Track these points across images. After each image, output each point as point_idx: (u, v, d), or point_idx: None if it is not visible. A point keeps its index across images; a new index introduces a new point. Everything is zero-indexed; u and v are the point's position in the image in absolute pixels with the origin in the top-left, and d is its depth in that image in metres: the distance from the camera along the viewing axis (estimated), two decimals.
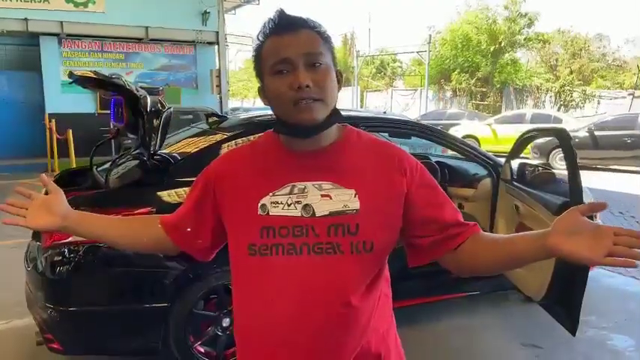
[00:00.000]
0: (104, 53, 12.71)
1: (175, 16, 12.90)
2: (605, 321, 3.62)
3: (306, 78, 1.06)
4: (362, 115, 4.01)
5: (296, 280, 1.09)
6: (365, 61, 30.37)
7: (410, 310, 3.50)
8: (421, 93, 25.01)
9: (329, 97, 1.10)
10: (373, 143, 1.21)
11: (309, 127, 1.09)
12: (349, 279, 1.10)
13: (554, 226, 0.98)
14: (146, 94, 3.01)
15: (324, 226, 1.09)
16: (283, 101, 1.08)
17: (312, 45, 1.09)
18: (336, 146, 1.16)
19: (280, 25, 1.10)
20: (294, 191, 1.12)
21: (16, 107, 12.22)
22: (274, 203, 1.11)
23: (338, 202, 1.10)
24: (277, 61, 1.08)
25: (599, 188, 8.76)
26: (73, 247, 2.59)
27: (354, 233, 1.09)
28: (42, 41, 11.91)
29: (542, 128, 5.09)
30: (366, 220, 1.10)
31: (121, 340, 2.71)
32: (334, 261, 1.09)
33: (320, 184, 1.12)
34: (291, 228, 1.10)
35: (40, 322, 2.70)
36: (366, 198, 1.11)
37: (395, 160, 1.16)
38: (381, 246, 1.13)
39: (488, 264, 1.16)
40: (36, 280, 2.74)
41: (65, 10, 11.87)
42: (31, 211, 1.23)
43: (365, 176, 1.14)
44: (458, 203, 3.95)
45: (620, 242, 0.91)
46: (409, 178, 1.15)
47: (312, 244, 1.09)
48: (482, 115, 19.29)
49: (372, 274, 1.14)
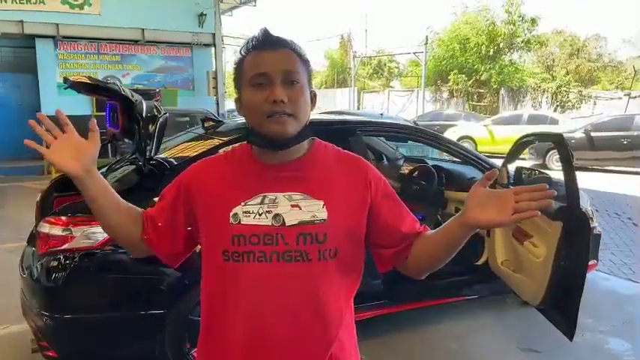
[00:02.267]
0: (100, 55, 12.68)
1: (171, 18, 12.87)
2: (602, 324, 3.63)
3: (282, 93, 1.12)
4: (359, 120, 4.00)
5: (266, 287, 1.16)
6: (362, 62, 30.39)
7: (409, 314, 3.51)
8: (418, 94, 25.03)
9: (301, 114, 1.16)
10: (340, 156, 1.28)
11: (280, 140, 1.15)
12: (317, 286, 1.18)
13: (467, 204, 1.12)
14: (142, 100, 3.00)
15: (293, 235, 1.15)
16: (258, 113, 1.14)
17: (290, 63, 1.16)
18: (306, 159, 1.22)
19: (263, 42, 1.17)
20: (265, 201, 1.17)
21: (11, 109, 12.17)
22: (246, 212, 1.16)
23: (307, 212, 1.16)
24: (256, 74, 1.14)
25: (595, 189, 8.79)
26: (69, 254, 2.58)
27: (321, 242, 1.15)
28: (38, 43, 11.88)
29: (540, 133, 5.09)
30: (333, 229, 1.16)
31: (117, 347, 2.69)
32: (303, 268, 1.15)
33: (290, 195, 1.17)
34: (262, 236, 1.15)
35: (36, 330, 2.69)
36: (333, 208, 1.17)
37: (361, 172, 1.24)
38: (345, 252, 1.19)
39: (430, 258, 1.25)
40: (31, 287, 2.73)
41: (61, 12, 11.83)
42: (58, 144, 1.17)
43: (333, 187, 1.20)
44: (454, 207, 3.95)
45: (521, 199, 1.06)
46: (373, 190, 1.23)
47: (281, 252, 1.15)
48: (480, 116, 19.31)
49: (339, 281, 1.21)
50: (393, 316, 3.39)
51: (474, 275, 3.76)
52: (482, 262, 3.69)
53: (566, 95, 24.36)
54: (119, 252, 2.60)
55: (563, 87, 24.65)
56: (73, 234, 2.59)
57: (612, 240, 5.97)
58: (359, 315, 3.15)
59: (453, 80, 25.76)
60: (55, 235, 2.61)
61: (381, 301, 3.35)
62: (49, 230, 2.64)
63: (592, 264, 3.91)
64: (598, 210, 7.32)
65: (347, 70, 29.76)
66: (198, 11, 13.18)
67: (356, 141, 3.26)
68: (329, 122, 3.53)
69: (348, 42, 32.56)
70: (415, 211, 4.58)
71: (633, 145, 11.68)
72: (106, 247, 2.58)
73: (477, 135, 15.57)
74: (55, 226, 2.63)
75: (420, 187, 4.04)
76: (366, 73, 31.81)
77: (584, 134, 12.39)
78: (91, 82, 3.02)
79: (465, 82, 25.46)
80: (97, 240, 2.58)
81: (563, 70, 26.46)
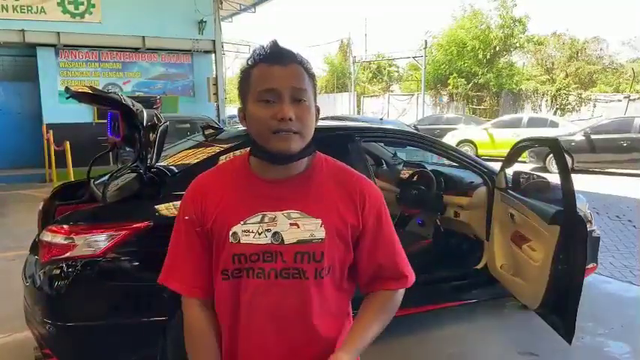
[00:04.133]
0: (101, 63, 12.74)
1: (172, 26, 12.94)
2: (601, 327, 3.64)
3: (289, 111, 1.12)
4: (358, 126, 4.03)
5: (264, 302, 1.18)
6: (362, 67, 30.45)
7: (408, 318, 3.51)
8: (418, 98, 25.08)
9: (307, 132, 1.17)
10: (339, 171, 1.27)
11: (284, 156, 1.16)
12: (308, 301, 1.19)
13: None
14: (142, 108, 3.03)
15: (291, 253, 1.17)
16: (264, 128, 1.15)
17: (299, 81, 1.15)
18: (305, 175, 1.23)
19: (272, 55, 1.16)
20: (265, 220, 1.18)
21: (13, 118, 12.23)
22: (245, 232, 1.17)
23: (305, 230, 1.17)
24: (265, 89, 1.14)
25: (595, 192, 8.81)
26: (71, 262, 2.60)
27: (319, 261, 1.18)
28: (39, 52, 11.94)
29: (536, 138, 5.13)
30: (330, 247, 1.19)
31: (119, 354, 2.71)
32: (300, 286, 1.18)
33: (289, 213, 1.18)
34: (262, 254, 1.17)
35: (39, 338, 2.71)
36: (330, 227, 1.18)
37: (357, 191, 1.23)
38: (339, 268, 1.23)
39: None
40: (34, 295, 2.75)
41: (62, 21, 11.90)
42: None
43: (329, 205, 1.20)
44: (453, 211, 3.98)
45: None
46: (367, 210, 1.23)
47: (279, 270, 1.17)
48: (479, 120, 19.36)
49: (334, 295, 1.23)
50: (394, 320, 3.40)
51: (473, 279, 3.78)
52: (482, 266, 3.72)
53: (565, 98, 24.39)
54: (121, 260, 2.63)
55: (562, 90, 24.68)
56: (75, 242, 2.60)
57: (613, 243, 5.98)
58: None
59: (452, 84, 25.83)
60: (58, 243, 2.63)
61: None
62: (51, 239, 2.66)
63: (591, 267, 3.93)
64: (599, 213, 7.34)
65: (347, 74, 29.83)
66: (198, 18, 13.25)
67: (355, 147, 3.28)
68: (328, 129, 3.55)
69: (347, 47, 32.62)
70: (414, 215, 4.62)
71: (633, 148, 11.71)
72: (107, 255, 2.60)
73: (477, 138, 15.60)
74: (57, 234, 2.65)
75: (419, 191, 4.07)
76: (365, 77, 31.88)
77: (584, 137, 12.42)
78: (92, 92, 3.06)
79: (464, 85, 25.53)
80: (99, 248, 2.60)
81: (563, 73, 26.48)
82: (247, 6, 16.80)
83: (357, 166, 3.20)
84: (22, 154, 11.76)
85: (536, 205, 3.09)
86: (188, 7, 12.81)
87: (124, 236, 2.62)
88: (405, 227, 4.45)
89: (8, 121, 12.15)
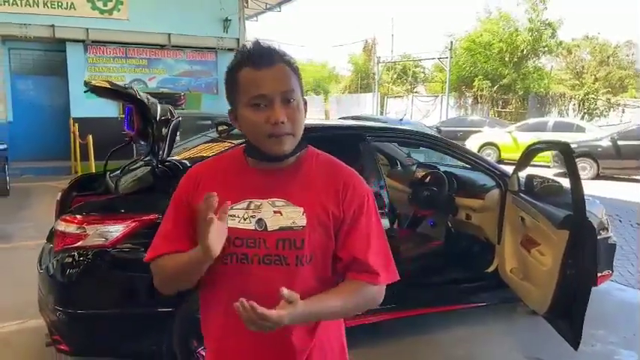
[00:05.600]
0: (128, 59, 12.96)
1: (197, 23, 13.10)
2: (613, 335, 3.57)
3: (281, 114, 1.17)
4: (369, 126, 4.03)
5: (246, 287, 1.20)
6: (386, 67, 30.31)
7: (416, 319, 3.52)
8: (442, 99, 24.86)
9: (298, 130, 1.22)
10: (328, 164, 1.31)
11: (278, 156, 1.22)
12: (291, 288, 1.17)
13: None
14: (157, 103, 3.10)
15: (273, 240, 1.21)
16: (258, 132, 1.20)
17: (287, 82, 1.20)
18: (295, 167, 1.28)
19: (257, 58, 1.19)
20: (251, 207, 1.23)
21: (42, 111, 12.53)
22: (231, 216, 1.20)
23: (287, 218, 1.21)
24: (255, 95, 1.19)
25: (619, 199, 8.61)
26: (82, 252, 2.68)
27: (299, 248, 1.21)
28: (68, 47, 12.21)
29: (548, 141, 5.06)
30: (311, 235, 1.22)
31: (126, 343, 2.78)
32: (282, 272, 1.21)
33: (274, 201, 1.23)
34: (245, 240, 1.21)
35: (49, 324, 2.79)
36: (312, 216, 1.22)
37: (341, 182, 1.26)
38: (320, 258, 1.25)
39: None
40: (47, 283, 2.84)
41: (91, 17, 12.16)
42: (215, 231, 1.10)
43: (313, 196, 1.24)
44: (465, 214, 3.95)
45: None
46: (348, 202, 1.25)
47: (262, 255, 1.21)
48: (504, 123, 19.07)
49: (316, 287, 1.24)
50: (399, 321, 3.41)
51: (483, 282, 3.75)
52: (493, 269, 3.69)
53: (594, 102, 23.88)
54: (130, 250, 2.69)
55: (591, 94, 24.17)
56: (87, 232, 2.68)
57: (632, 250, 5.85)
58: (368, 319, 3.20)
59: (477, 86, 25.52)
60: (70, 232, 2.71)
61: (391, 305, 3.37)
62: (64, 228, 2.75)
63: (606, 274, 3.86)
64: (621, 220, 7.18)
65: (371, 75, 29.73)
66: (223, 17, 13.37)
67: (365, 147, 3.29)
68: (339, 127, 3.57)
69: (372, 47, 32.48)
70: (426, 216, 4.60)
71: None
72: (117, 246, 2.67)
73: (501, 141, 15.39)
74: (70, 224, 2.74)
75: (431, 192, 4.06)
76: (389, 78, 31.74)
77: (611, 142, 12.12)
78: (110, 86, 3.14)
79: (489, 88, 25.19)
80: (110, 238, 2.68)
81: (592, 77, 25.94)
82: (273, 5, 16.90)
83: (367, 165, 3.22)
84: (50, 147, 12.04)
85: (546, 208, 3.06)
86: (213, 6, 12.94)
87: (134, 228, 2.69)
88: (417, 228, 4.44)
89: (38, 115, 12.45)
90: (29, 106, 12.41)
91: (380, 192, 3.21)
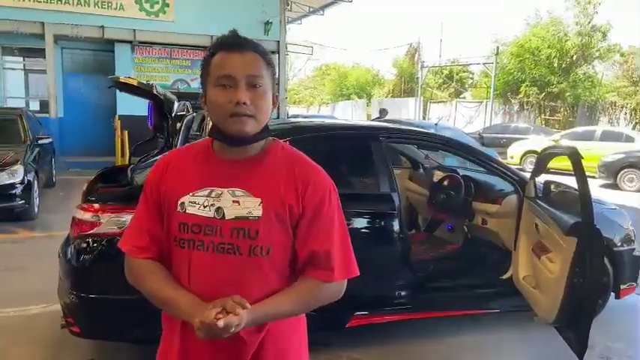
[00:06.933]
0: (172, 60, 13.39)
1: (239, 26, 12.55)
2: (631, 349, 3.44)
3: (244, 96, 1.20)
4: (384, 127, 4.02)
5: (201, 274, 1.24)
6: (432, 72, 29.90)
7: (427, 322, 3.49)
8: (487, 105, 24.33)
9: (262, 116, 1.24)
10: (291, 158, 1.32)
11: (239, 137, 1.24)
12: (245, 279, 1.23)
13: None
14: (174, 100, 3.23)
15: (229, 228, 1.23)
16: (221, 112, 1.23)
17: (255, 67, 1.23)
18: (258, 158, 1.29)
19: (230, 43, 1.24)
20: (212, 195, 1.25)
21: (90, 109, 13.11)
22: (192, 203, 1.25)
23: (244, 208, 1.23)
24: (222, 75, 1.22)
25: None
26: (95, 239, 2.81)
27: (253, 238, 1.22)
28: (117, 47, 12.74)
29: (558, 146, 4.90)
30: (266, 226, 1.23)
31: (134, 328, 2.88)
32: (235, 261, 1.22)
33: (233, 191, 1.25)
34: (203, 227, 1.24)
35: (64, 306, 2.94)
36: (269, 207, 1.23)
37: (302, 176, 1.27)
38: (277, 251, 1.24)
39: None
40: (64, 267, 2.99)
41: (138, 19, 12.64)
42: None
43: (273, 188, 1.25)
44: (481, 219, 3.89)
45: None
46: (309, 196, 1.26)
47: (217, 243, 1.23)
48: (550, 131, 18.47)
49: (274, 280, 1.25)
50: (408, 324, 3.39)
51: (497, 289, 3.68)
52: (508, 276, 3.61)
53: None
54: None
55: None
56: (101, 220, 2.82)
57: None
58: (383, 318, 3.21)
59: (524, 92, 24.82)
60: (86, 220, 2.85)
61: (406, 306, 3.37)
62: (81, 216, 2.89)
63: (628, 287, 3.73)
64: None
65: (415, 79, 29.42)
66: (264, 19, 13.62)
67: (377, 147, 3.28)
68: (352, 127, 3.59)
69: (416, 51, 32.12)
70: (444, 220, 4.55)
71: None
72: None
73: None
74: (87, 212, 2.88)
75: (448, 196, 4.01)
76: (435, 82, 31.29)
77: None
78: (130, 83, 3.29)
79: (536, 95, 24.45)
80: (122, 227, 2.79)
81: None
82: (316, 8, 17.08)
83: (378, 166, 3.22)
84: (97, 143, 12.56)
85: (557, 214, 2.98)
86: (255, 8, 13.22)
87: None
88: (434, 231, 4.40)
89: (86, 112, 13.03)
90: (78, 103, 13.02)
91: (391, 194, 3.20)
